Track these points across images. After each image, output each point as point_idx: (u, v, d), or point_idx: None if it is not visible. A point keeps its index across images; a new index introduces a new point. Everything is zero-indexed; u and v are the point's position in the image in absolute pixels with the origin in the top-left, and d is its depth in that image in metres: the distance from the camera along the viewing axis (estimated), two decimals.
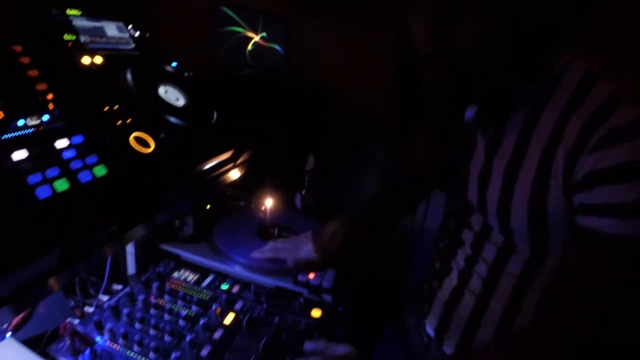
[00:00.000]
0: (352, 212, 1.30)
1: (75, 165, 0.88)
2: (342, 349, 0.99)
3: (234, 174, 1.33)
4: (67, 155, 0.88)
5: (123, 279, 1.37)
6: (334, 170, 1.93)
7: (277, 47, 1.87)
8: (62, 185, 0.83)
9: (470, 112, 0.87)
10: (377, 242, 1.59)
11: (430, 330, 1.17)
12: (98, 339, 1.03)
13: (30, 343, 0.99)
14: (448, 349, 1.12)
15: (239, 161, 1.30)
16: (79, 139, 0.92)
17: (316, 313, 1.20)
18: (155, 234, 1.41)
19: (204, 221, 1.48)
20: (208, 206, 1.58)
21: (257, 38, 1.84)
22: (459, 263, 1.09)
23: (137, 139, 1.01)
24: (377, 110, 1.77)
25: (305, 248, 1.27)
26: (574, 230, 0.80)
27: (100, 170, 0.90)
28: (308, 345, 1.03)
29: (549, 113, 0.83)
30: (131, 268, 1.40)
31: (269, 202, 1.59)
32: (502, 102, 0.87)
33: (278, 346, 1.08)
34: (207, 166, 1.15)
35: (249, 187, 1.69)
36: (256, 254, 1.32)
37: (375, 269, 1.65)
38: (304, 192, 1.78)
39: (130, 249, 1.38)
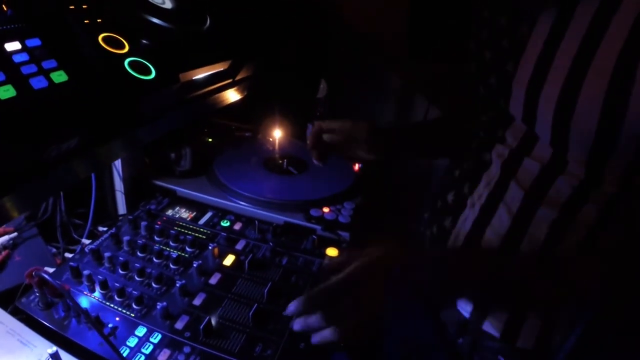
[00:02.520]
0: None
1: (28, 70, 0.75)
2: None
3: (233, 95, 1.14)
4: (18, 59, 0.76)
5: (113, 220, 1.25)
6: (348, 97, 1.81)
7: None
8: (5, 92, 0.70)
9: None
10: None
11: None
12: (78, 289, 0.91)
13: (2, 298, 0.88)
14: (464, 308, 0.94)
15: (238, 77, 1.11)
16: (35, 41, 0.79)
17: (332, 252, 1.08)
18: (148, 169, 1.30)
19: (204, 155, 1.36)
20: (209, 139, 1.47)
21: None
22: (481, 192, 0.89)
23: (107, 38, 0.85)
24: (391, 34, 1.69)
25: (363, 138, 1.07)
26: None
27: (59, 76, 0.77)
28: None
29: None
30: (122, 208, 1.30)
31: (277, 133, 1.47)
32: None
33: (287, 292, 0.95)
34: (199, 76, 0.97)
35: (256, 116, 1.58)
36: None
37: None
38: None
39: (119, 186, 1.26)
